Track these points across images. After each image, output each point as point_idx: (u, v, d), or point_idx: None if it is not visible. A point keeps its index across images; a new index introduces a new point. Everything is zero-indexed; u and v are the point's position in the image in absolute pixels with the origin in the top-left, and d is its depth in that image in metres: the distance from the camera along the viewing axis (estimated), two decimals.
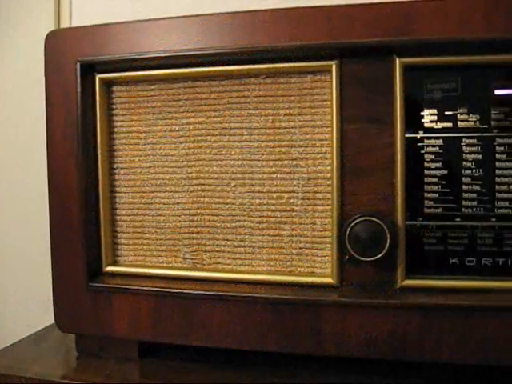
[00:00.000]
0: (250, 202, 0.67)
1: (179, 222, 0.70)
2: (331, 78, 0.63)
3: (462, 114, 0.63)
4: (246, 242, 0.67)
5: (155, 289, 0.69)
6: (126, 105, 0.71)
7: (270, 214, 0.66)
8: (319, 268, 0.66)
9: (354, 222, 0.62)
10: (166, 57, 0.68)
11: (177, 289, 0.68)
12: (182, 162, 0.69)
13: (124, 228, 0.72)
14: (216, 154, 0.68)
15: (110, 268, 0.72)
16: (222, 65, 0.67)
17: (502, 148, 0.63)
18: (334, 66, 0.63)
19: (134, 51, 0.70)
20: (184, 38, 0.68)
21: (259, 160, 0.66)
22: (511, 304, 0.62)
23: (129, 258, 0.72)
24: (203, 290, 0.67)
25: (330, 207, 0.64)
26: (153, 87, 0.70)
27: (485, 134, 0.63)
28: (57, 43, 0.72)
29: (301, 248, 0.66)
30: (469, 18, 0.61)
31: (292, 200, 0.66)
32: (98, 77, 0.71)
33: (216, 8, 0.84)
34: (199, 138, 0.68)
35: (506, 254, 0.63)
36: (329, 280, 0.65)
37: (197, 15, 0.70)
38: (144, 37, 0.70)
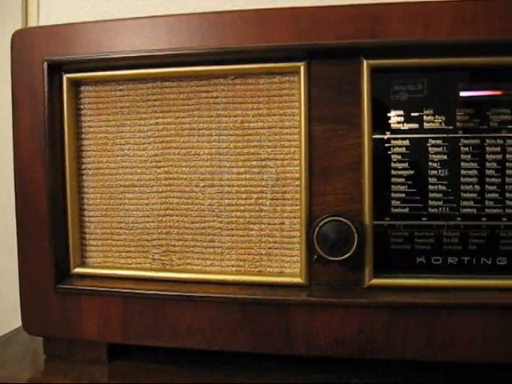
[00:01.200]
0: (219, 203, 0.67)
1: (148, 222, 0.69)
2: (299, 79, 0.64)
3: (427, 115, 0.64)
4: (215, 243, 0.67)
5: (124, 290, 0.68)
6: (94, 105, 0.70)
7: (238, 214, 0.66)
8: (288, 268, 0.66)
9: (322, 222, 0.63)
10: (134, 57, 0.68)
11: (146, 290, 0.68)
12: (151, 162, 0.69)
13: (92, 229, 0.71)
14: (185, 154, 0.68)
15: (78, 269, 0.71)
16: (191, 65, 0.67)
17: (467, 149, 0.64)
18: (302, 68, 0.64)
19: (102, 51, 0.69)
20: (153, 38, 0.68)
21: (228, 160, 0.66)
22: (476, 302, 0.62)
23: (97, 259, 0.72)
24: (172, 291, 0.67)
25: (298, 207, 0.65)
26: (121, 87, 0.69)
27: (450, 135, 0.64)
28: (24, 42, 0.71)
29: (270, 248, 0.66)
30: (435, 21, 0.62)
31: (261, 200, 0.66)
32: (65, 76, 0.70)
33: (185, 8, 0.84)
34: (168, 138, 0.68)
35: (470, 252, 0.64)
36: (297, 280, 0.65)
37: (165, 15, 0.70)
38: (112, 36, 0.69)
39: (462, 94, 0.64)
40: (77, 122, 0.71)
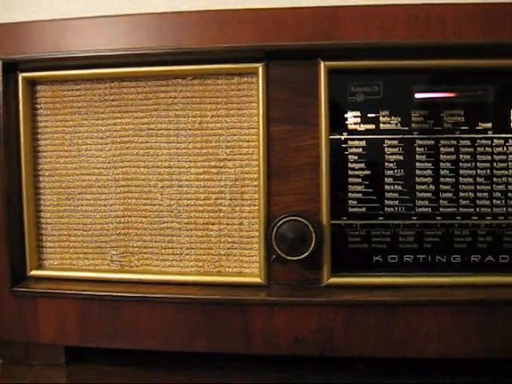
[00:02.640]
0: (178, 203, 0.67)
1: (106, 224, 0.69)
2: (258, 79, 0.64)
3: (384, 116, 0.65)
4: (174, 243, 0.67)
5: (82, 292, 0.68)
6: (50, 105, 0.69)
7: (197, 214, 0.66)
8: (247, 268, 0.66)
9: (281, 222, 0.63)
10: (92, 56, 0.67)
11: (104, 292, 0.67)
12: (109, 163, 0.68)
13: (49, 231, 0.70)
14: (143, 155, 0.67)
15: (34, 272, 0.70)
16: (150, 65, 0.67)
17: (422, 149, 0.65)
18: (260, 68, 0.64)
19: (59, 50, 0.68)
20: (111, 38, 0.68)
21: (187, 161, 0.66)
22: (431, 299, 0.64)
23: (54, 261, 0.71)
24: (131, 292, 0.67)
25: (257, 207, 0.65)
26: (78, 87, 0.69)
27: (406, 136, 0.65)
28: None
29: (229, 248, 0.66)
30: (391, 24, 0.63)
31: (220, 201, 0.66)
32: (21, 75, 0.69)
33: (145, 8, 0.83)
34: (126, 138, 0.68)
35: (426, 250, 0.66)
36: (256, 279, 0.65)
37: (124, 15, 0.69)
38: (70, 35, 0.68)
39: (417, 95, 0.65)
40: (33, 122, 0.70)
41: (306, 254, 0.63)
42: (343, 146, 0.65)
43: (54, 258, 0.70)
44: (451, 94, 0.65)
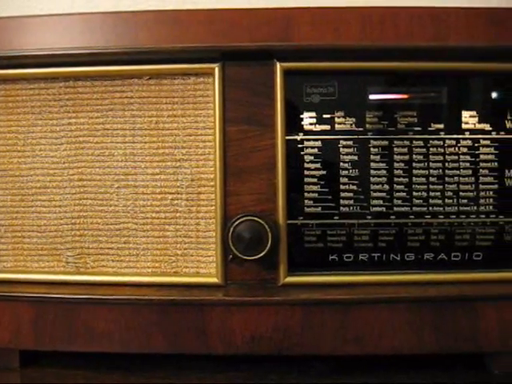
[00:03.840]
0: (134, 204, 0.66)
1: (61, 225, 0.68)
2: (214, 80, 0.64)
3: (339, 117, 0.66)
4: (131, 244, 0.67)
5: (36, 295, 0.67)
6: (3, 104, 0.68)
7: (154, 215, 0.66)
8: (204, 268, 0.67)
9: (237, 222, 0.63)
10: (46, 55, 0.66)
11: (59, 294, 0.66)
12: (64, 163, 0.67)
13: (2, 232, 0.69)
14: (98, 155, 0.67)
15: None
16: (105, 65, 0.66)
17: (376, 149, 0.66)
18: (216, 69, 0.64)
19: (12, 48, 0.67)
20: (66, 36, 0.67)
21: (143, 161, 0.66)
22: (386, 296, 0.65)
23: (8, 263, 0.69)
24: (87, 294, 0.66)
25: (213, 208, 0.65)
26: (32, 86, 0.68)
27: (360, 137, 0.66)
28: None
29: (185, 249, 0.66)
30: (345, 26, 0.64)
31: (176, 201, 0.66)
32: None
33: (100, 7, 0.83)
34: (81, 138, 0.67)
35: (380, 249, 0.67)
36: (214, 280, 0.65)
37: (79, 13, 0.69)
38: (24, 33, 0.67)
39: (372, 97, 0.66)
40: None
41: (262, 254, 0.63)
42: (299, 146, 0.65)
43: (8, 260, 0.69)
44: (405, 96, 0.66)
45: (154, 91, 0.66)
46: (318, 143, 0.65)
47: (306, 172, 0.65)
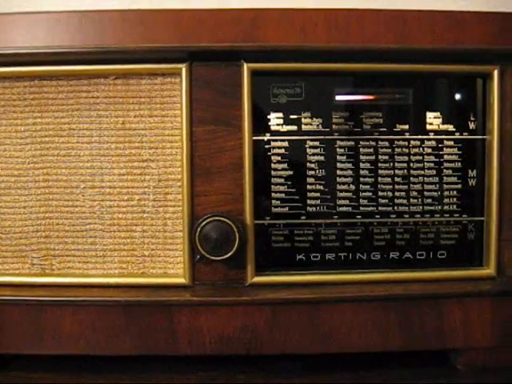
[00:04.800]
0: (101, 205, 0.66)
1: (26, 226, 0.67)
2: (181, 80, 0.64)
3: (305, 117, 0.66)
4: (97, 245, 0.66)
5: (1, 297, 0.66)
6: None
7: (120, 216, 0.66)
8: (171, 269, 0.66)
9: (204, 223, 0.63)
10: (11, 54, 0.65)
11: (25, 296, 0.66)
12: (29, 164, 0.66)
13: None
14: (64, 155, 0.66)
15: None
16: (71, 64, 0.66)
17: (343, 150, 0.67)
18: (183, 69, 0.64)
19: None
20: (31, 35, 0.66)
21: (109, 162, 0.66)
22: (352, 295, 0.66)
23: None
24: (53, 296, 0.65)
25: (180, 208, 0.65)
26: None
27: (327, 137, 0.66)
28: None
29: (153, 249, 0.66)
30: (312, 27, 0.65)
31: (143, 202, 0.66)
32: None
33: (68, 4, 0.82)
34: (46, 139, 0.66)
35: (347, 248, 0.68)
36: (181, 280, 0.65)
37: (44, 12, 0.68)
38: None
39: (338, 98, 0.67)
40: None
41: (229, 254, 0.63)
42: (266, 146, 0.65)
43: None
44: (370, 97, 0.67)
45: (120, 91, 0.65)
46: (285, 143, 0.65)
47: (273, 172, 0.66)
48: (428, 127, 0.67)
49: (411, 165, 0.67)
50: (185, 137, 0.64)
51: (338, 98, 0.66)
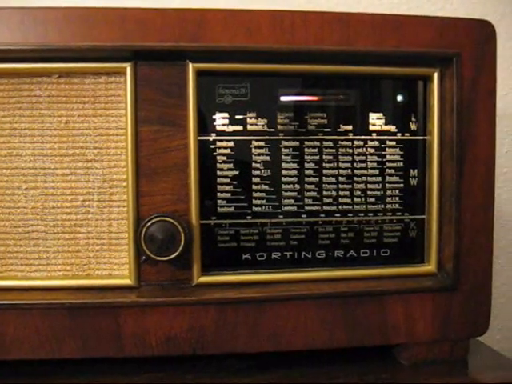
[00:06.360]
0: (44, 206, 0.65)
1: None
2: (126, 80, 0.64)
3: (251, 118, 0.67)
4: (40, 247, 0.65)
5: None
6: None
7: (64, 217, 0.65)
8: (117, 270, 0.66)
9: (150, 223, 0.63)
10: None
11: None
12: None
13: None
14: (5, 155, 0.65)
15: None
16: (12, 62, 0.64)
17: (288, 150, 0.68)
18: (128, 68, 0.64)
19: None
20: None
21: (52, 162, 0.64)
22: (297, 293, 0.67)
23: None
24: None
25: (125, 209, 0.64)
26: None
27: (272, 137, 0.67)
28: None
29: (98, 251, 0.65)
30: (257, 28, 0.65)
31: (87, 202, 0.65)
32: None
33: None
34: None
35: (292, 247, 0.68)
36: (127, 281, 0.65)
37: None
38: None
39: (283, 98, 0.68)
40: None
41: (175, 254, 0.63)
42: (212, 146, 0.66)
43: None
44: (315, 98, 0.68)
45: (63, 90, 0.64)
46: (231, 144, 0.66)
47: (218, 172, 0.66)
48: (371, 128, 0.68)
49: (355, 165, 0.68)
50: (129, 137, 0.63)
51: (283, 98, 0.67)
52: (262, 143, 0.67)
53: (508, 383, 0.66)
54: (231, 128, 0.66)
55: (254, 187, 0.67)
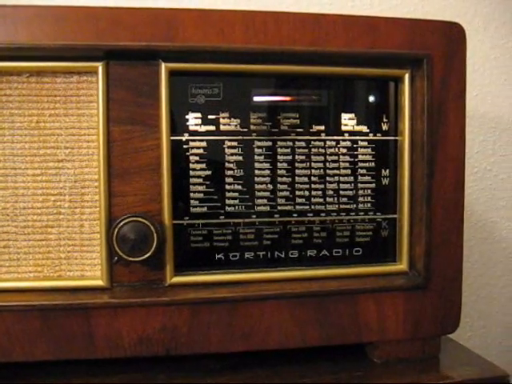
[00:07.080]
0: (14, 206, 0.64)
1: None
2: (98, 79, 0.63)
3: (224, 118, 0.67)
4: (11, 248, 0.64)
5: None
6: None
7: (35, 217, 0.64)
8: (89, 271, 0.65)
9: (122, 223, 0.63)
10: None
11: None
12: None
13: None
14: None
15: None
16: None
17: (260, 150, 0.68)
18: (100, 68, 0.63)
19: None
20: None
21: (23, 162, 0.64)
22: (271, 293, 0.67)
23: None
24: None
25: (97, 209, 0.64)
26: None
27: (245, 137, 0.67)
28: None
29: (69, 251, 0.65)
30: (229, 28, 0.65)
31: (59, 203, 0.64)
32: None
33: None
34: None
35: (265, 247, 0.69)
36: (99, 282, 0.64)
37: None
38: None
39: (255, 98, 0.68)
40: None
41: (148, 255, 0.63)
42: (184, 146, 0.66)
43: None
44: (287, 98, 0.69)
45: (34, 89, 0.64)
46: (204, 144, 0.66)
47: (191, 172, 0.66)
48: (343, 128, 0.69)
49: (327, 164, 0.69)
50: (101, 137, 0.63)
51: (256, 98, 0.67)
52: (234, 143, 0.67)
53: (478, 379, 0.67)
54: (204, 128, 0.66)
55: (226, 187, 0.67)
